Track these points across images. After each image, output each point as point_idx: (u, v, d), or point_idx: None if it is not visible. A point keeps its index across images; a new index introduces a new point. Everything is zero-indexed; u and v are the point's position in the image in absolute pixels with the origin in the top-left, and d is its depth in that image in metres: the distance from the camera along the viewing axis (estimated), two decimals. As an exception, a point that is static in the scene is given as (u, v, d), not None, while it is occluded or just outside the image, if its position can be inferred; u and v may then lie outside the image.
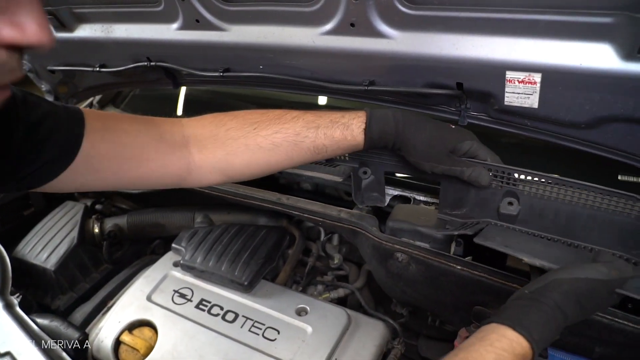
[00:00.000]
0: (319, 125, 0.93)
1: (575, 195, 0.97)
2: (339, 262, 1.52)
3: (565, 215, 1.01)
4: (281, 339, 1.23)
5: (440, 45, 0.92)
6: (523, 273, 1.06)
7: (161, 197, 1.66)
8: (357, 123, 0.94)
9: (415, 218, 1.18)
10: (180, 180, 0.95)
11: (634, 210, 0.92)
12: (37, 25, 0.41)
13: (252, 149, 0.93)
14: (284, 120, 0.94)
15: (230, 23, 1.14)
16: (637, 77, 0.77)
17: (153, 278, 1.44)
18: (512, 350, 0.68)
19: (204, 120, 0.97)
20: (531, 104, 0.91)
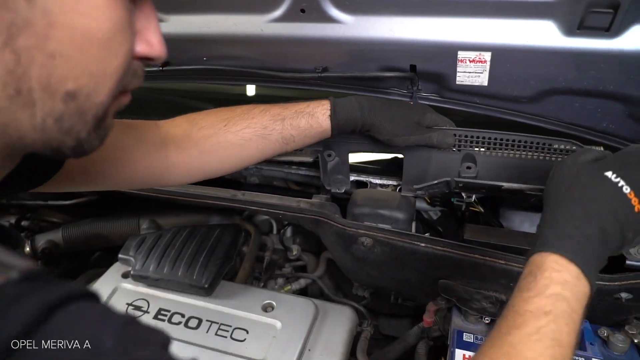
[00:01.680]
0: (285, 117, 0.97)
1: (524, 149, 1.04)
2: (298, 253, 1.51)
3: (517, 169, 1.09)
4: (251, 338, 1.20)
5: (392, 29, 0.93)
6: (480, 244, 1.13)
7: (98, 205, 1.53)
8: (322, 110, 0.97)
9: (375, 201, 1.19)
10: (161, 179, 0.99)
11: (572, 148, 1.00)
12: (160, 42, 0.53)
13: (224, 146, 0.96)
14: (251, 115, 0.97)
15: (166, 13, 1.06)
16: (577, 52, 0.83)
17: (101, 293, 1.33)
18: (528, 271, 0.62)
19: (178, 120, 0.99)
20: (481, 82, 0.95)
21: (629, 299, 1.03)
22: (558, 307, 0.57)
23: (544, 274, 0.59)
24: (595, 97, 0.92)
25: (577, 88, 0.91)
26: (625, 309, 1.06)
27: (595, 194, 0.63)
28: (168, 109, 1.76)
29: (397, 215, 1.16)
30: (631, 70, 0.83)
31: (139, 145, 0.91)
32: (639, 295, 1.02)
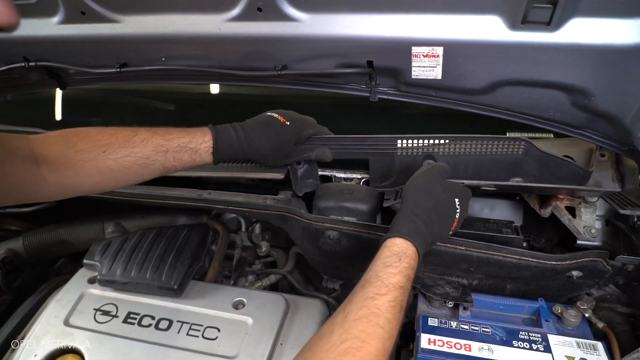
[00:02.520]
0: (168, 150, 0.99)
1: (477, 148, 1.17)
2: (267, 249, 1.52)
3: (473, 164, 1.20)
4: (222, 336, 1.21)
5: (349, 26, 0.95)
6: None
7: (59, 211, 1.50)
8: (205, 148, 1.02)
9: (339, 194, 1.22)
10: (33, 194, 0.96)
11: (520, 148, 1.15)
12: (5, 8, 0.49)
13: (102, 171, 0.97)
14: (133, 144, 0.97)
15: (122, 14, 1.04)
16: (522, 45, 0.88)
17: (67, 300, 1.31)
18: (391, 252, 0.85)
19: (51, 139, 0.97)
20: (435, 75, 0.99)
21: (579, 276, 1.09)
22: (407, 284, 0.80)
23: (406, 258, 0.83)
24: (541, 88, 0.97)
25: (524, 79, 0.95)
26: (576, 286, 1.13)
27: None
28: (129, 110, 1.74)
29: (361, 207, 1.19)
30: (570, 62, 0.88)
31: (11, 160, 0.88)
32: (588, 273, 1.09)
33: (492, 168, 1.19)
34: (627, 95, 0.90)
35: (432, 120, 1.43)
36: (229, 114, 1.62)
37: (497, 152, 1.17)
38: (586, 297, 1.14)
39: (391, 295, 0.76)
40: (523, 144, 1.14)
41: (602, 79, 0.90)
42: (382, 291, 0.76)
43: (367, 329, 0.71)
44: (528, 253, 1.08)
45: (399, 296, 0.77)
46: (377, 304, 0.74)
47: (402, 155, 1.22)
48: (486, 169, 1.20)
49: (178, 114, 1.68)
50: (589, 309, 1.09)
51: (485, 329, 1.06)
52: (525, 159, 1.16)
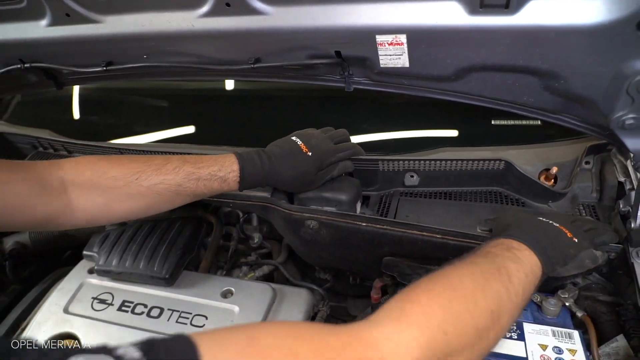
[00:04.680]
0: (199, 178, 1.03)
1: (459, 165, 1.24)
2: (259, 241, 1.55)
3: (454, 176, 1.26)
4: (209, 323, 1.25)
5: (313, 17, 0.96)
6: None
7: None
8: (233, 177, 1.06)
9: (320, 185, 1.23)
10: (64, 223, 0.99)
11: (501, 165, 1.20)
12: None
13: (134, 197, 1.00)
14: (165, 171, 1.00)
15: (103, 14, 1.09)
16: (483, 30, 0.87)
17: (68, 289, 1.38)
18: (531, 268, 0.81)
19: (82, 166, 0.99)
20: (403, 63, 0.99)
21: (562, 265, 1.07)
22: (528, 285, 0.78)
23: (524, 259, 0.81)
24: (510, 72, 0.95)
25: (492, 64, 0.94)
26: (560, 275, 1.11)
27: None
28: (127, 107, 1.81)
29: (340, 197, 1.20)
30: (534, 45, 0.86)
31: (38, 190, 0.91)
32: (570, 261, 1.06)
33: (473, 179, 1.25)
34: (596, 76, 0.87)
35: (416, 109, 1.43)
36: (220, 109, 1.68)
37: (478, 169, 1.23)
38: (569, 286, 1.11)
39: (515, 282, 0.75)
40: (503, 164, 1.19)
41: (568, 60, 0.88)
42: (502, 275, 0.76)
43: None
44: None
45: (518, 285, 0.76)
46: (496, 288, 0.73)
47: (384, 170, 1.29)
48: (467, 180, 1.26)
49: (173, 110, 1.74)
50: (570, 297, 1.06)
51: (460, 318, 1.05)
52: (506, 172, 1.21)
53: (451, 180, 1.26)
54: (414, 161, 1.25)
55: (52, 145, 1.56)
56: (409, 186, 1.30)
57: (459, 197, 1.26)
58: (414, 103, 1.38)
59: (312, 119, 1.54)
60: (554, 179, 1.19)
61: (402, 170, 1.27)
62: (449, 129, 1.38)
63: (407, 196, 1.30)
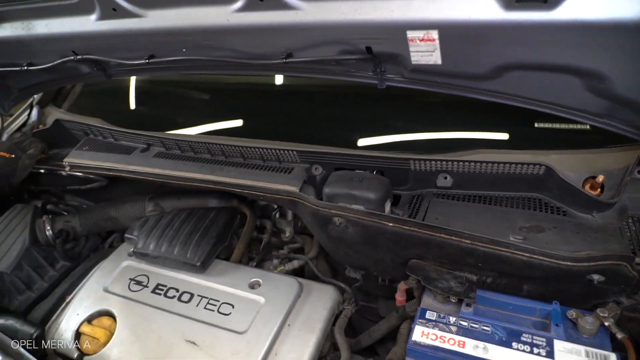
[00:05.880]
0: None
1: (495, 169, 1.17)
2: (290, 235, 1.56)
3: (490, 179, 1.20)
4: (236, 312, 1.28)
5: (343, 11, 0.95)
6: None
7: (110, 190, 1.67)
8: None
9: (348, 182, 1.22)
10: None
11: (540, 170, 1.13)
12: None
13: None
14: None
15: (146, 8, 1.14)
16: (519, 25, 0.82)
17: (109, 269, 1.46)
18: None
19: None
20: (435, 60, 0.95)
21: (601, 281, 0.99)
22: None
23: None
24: (550, 72, 0.89)
25: (529, 62, 0.89)
26: (600, 292, 1.03)
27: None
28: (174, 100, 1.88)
29: (368, 196, 1.18)
30: (575, 42, 0.80)
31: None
32: (611, 278, 0.98)
33: (510, 183, 1.19)
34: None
35: (450, 108, 1.37)
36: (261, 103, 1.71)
37: (516, 173, 1.17)
38: (611, 305, 1.03)
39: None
40: (543, 169, 1.13)
41: (614, 59, 0.81)
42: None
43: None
44: (539, 251, 1.00)
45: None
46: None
47: (415, 169, 1.25)
48: (503, 184, 1.20)
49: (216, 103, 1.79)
50: (610, 317, 0.98)
51: (485, 328, 1.01)
52: (546, 178, 1.15)
53: (486, 183, 1.20)
54: (447, 162, 1.20)
55: (101, 132, 1.65)
56: (441, 187, 1.26)
57: (494, 201, 1.20)
58: (448, 102, 1.33)
59: (346, 115, 1.53)
60: (600, 187, 1.11)
61: (435, 170, 1.23)
62: (486, 130, 1.31)
63: (439, 197, 1.26)
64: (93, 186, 1.63)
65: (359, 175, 1.24)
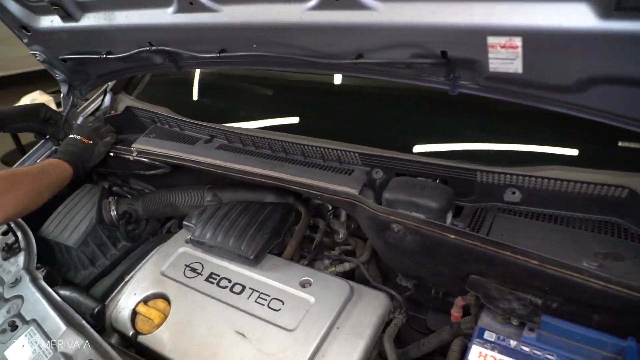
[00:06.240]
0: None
1: (571, 188, 1.10)
2: (344, 236, 1.55)
3: (564, 199, 1.13)
4: (285, 309, 1.28)
5: (420, 14, 0.92)
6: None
7: (172, 177, 1.73)
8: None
9: (410, 189, 1.19)
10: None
11: (623, 193, 1.05)
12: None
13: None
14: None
15: (222, 4, 1.16)
16: (616, 36, 0.75)
17: (167, 254, 1.51)
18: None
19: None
20: (515, 69, 0.90)
21: (685, 318, 0.91)
22: None
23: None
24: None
25: (624, 76, 0.81)
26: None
27: None
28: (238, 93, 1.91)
29: (430, 204, 1.14)
30: (683, 57, 0.73)
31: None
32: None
33: (586, 205, 1.11)
34: None
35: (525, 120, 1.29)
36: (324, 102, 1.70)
37: (594, 194, 1.09)
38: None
39: None
40: (627, 192, 1.04)
41: None
42: None
43: None
44: (616, 280, 0.93)
45: None
46: None
47: (482, 181, 1.20)
48: (579, 205, 1.12)
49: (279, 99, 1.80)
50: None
51: (549, 356, 0.95)
52: (629, 202, 1.06)
53: (559, 203, 1.13)
54: (518, 176, 1.14)
55: (168, 121, 1.71)
56: (508, 202, 1.19)
57: (566, 222, 1.12)
58: (523, 113, 1.25)
59: (408, 119, 1.49)
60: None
61: (503, 184, 1.17)
62: (562, 146, 1.23)
63: (504, 213, 1.19)
64: (157, 172, 1.69)
65: (422, 182, 1.20)
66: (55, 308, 1.23)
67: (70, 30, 1.42)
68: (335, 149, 1.33)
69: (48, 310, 1.23)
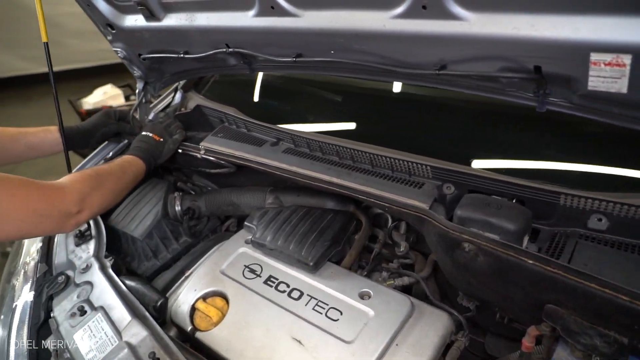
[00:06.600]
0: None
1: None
2: (405, 250, 1.51)
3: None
4: (343, 319, 1.26)
5: (517, 26, 0.87)
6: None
7: (234, 177, 1.75)
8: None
9: (485, 207, 1.13)
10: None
11: None
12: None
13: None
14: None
15: (303, 9, 1.16)
16: None
17: (227, 253, 1.53)
18: None
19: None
20: (619, 88, 0.84)
21: None
22: None
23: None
24: None
25: None
26: None
27: None
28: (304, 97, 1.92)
29: (507, 226, 1.09)
30: None
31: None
32: None
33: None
34: None
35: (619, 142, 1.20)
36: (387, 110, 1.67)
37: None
38: None
39: None
40: None
41: None
42: None
43: None
44: None
45: None
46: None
47: (564, 205, 1.12)
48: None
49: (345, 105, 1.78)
50: None
51: (635, 401, 0.87)
52: None
53: (652, 234, 1.04)
54: (607, 202, 1.05)
55: (236, 122, 1.74)
56: (592, 229, 1.11)
57: (662, 257, 1.03)
58: (618, 134, 1.17)
59: (486, 134, 1.43)
60: None
61: (588, 209, 1.09)
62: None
63: (587, 240, 1.11)
64: (222, 171, 1.72)
65: (497, 202, 1.14)
66: (122, 297, 1.27)
67: (153, 30, 1.47)
68: (406, 160, 1.29)
69: (115, 299, 1.27)
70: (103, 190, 1.30)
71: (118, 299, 1.27)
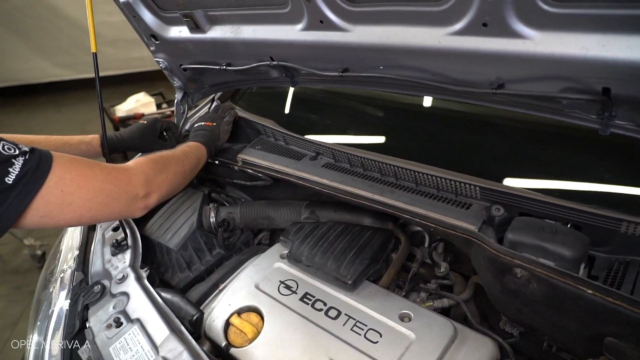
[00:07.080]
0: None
1: None
2: (446, 270, 1.46)
3: None
4: (383, 342, 1.22)
5: (586, 46, 0.84)
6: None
7: (269, 190, 1.74)
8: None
9: (539, 232, 1.09)
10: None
11: None
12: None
13: None
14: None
15: (353, 24, 1.14)
16: None
17: (261, 267, 1.51)
18: None
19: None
20: (698, 114, 0.79)
21: None
22: None
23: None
24: None
25: None
26: None
27: None
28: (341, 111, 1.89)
29: (563, 252, 1.04)
30: None
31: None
32: None
33: None
34: None
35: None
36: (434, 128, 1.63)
37: None
38: None
39: None
40: None
41: None
42: None
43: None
44: None
45: None
46: None
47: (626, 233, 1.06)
48: None
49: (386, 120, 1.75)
50: None
51: None
52: None
53: None
54: None
55: (274, 134, 1.73)
56: None
57: None
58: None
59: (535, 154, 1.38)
60: None
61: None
62: None
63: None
64: (258, 184, 1.70)
65: (552, 226, 1.09)
66: (158, 310, 1.26)
67: (197, 41, 1.47)
68: (454, 179, 1.25)
69: (151, 312, 1.26)
70: (168, 173, 1.28)
71: (154, 311, 1.25)
